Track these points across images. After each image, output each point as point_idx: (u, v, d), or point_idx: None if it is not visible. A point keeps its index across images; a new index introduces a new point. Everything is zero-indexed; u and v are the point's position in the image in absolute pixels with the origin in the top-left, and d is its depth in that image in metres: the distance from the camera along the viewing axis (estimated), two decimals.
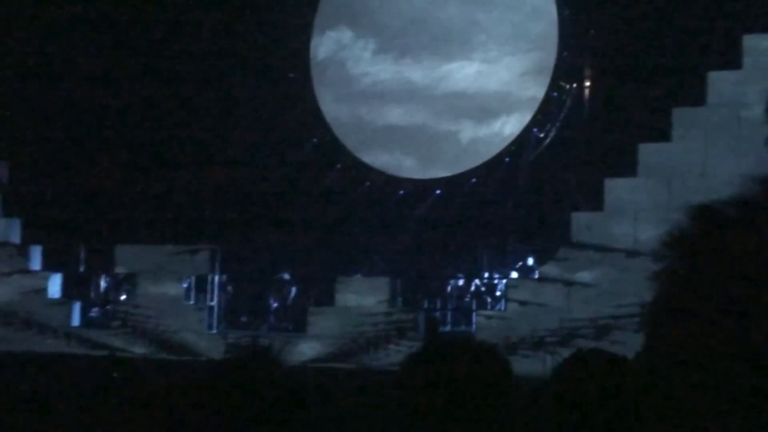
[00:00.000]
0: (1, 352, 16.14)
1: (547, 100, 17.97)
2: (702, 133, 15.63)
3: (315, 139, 18.99)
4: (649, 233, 15.38)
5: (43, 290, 18.22)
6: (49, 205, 18.58)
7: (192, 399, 1.90)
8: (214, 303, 18.34)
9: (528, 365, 15.13)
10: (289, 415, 1.94)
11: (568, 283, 16.47)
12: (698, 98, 15.77)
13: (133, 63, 18.58)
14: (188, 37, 18.45)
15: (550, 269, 16.64)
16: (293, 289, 18.52)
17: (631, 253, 15.83)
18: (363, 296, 17.42)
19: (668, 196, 15.70)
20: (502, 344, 15.38)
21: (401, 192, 18.70)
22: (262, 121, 18.70)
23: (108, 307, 19.05)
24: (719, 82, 15.59)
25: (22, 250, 18.55)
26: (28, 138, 18.96)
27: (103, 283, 19.15)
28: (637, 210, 15.91)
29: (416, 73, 18.79)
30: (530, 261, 17.61)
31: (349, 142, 18.88)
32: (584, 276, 16.36)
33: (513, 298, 17.12)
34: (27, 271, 18.38)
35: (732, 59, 15.62)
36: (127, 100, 18.84)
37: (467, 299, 17.92)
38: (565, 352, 14.59)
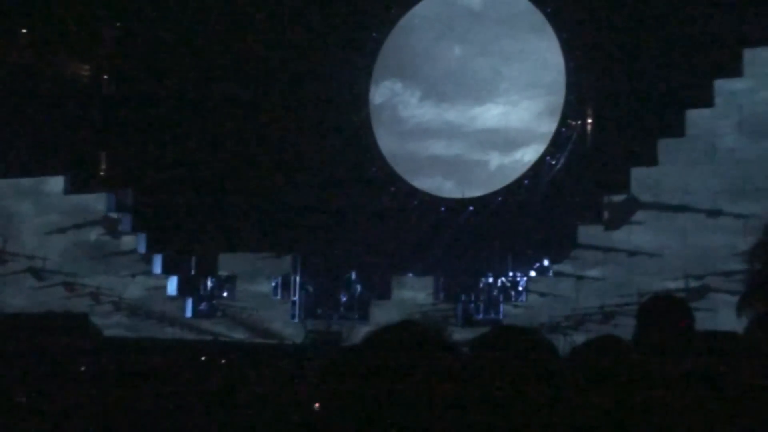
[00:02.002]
0: (133, 338, 17.44)
1: (558, 134, 17.95)
2: (683, 159, 15.99)
3: (374, 168, 19.04)
4: (640, 238, 16.10)
5: (163, 289, 18.70)
6: (166, 221, 18.96)
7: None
8: (296, 298, 18.50)
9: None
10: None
11: (577, 279, 16.60)
12: (679, 131, 16.01)
13: (231, 100, 18.87)
14: (280, 85, 18.89)
15: (562, 268, 16.86)
16: (358, 286, 18.65)
17: (629, 254, 16.04)
18: (413, 291, 17.65)
19: (656, 210, 16.11)
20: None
21: (442, 209, 18.67)
22: (332, 154, 18.92)
23: (213, 302, 19.10)
24: (696, 117, 15.96)
25: (147, 258, 18.94)
26: (146, 166, 19.39)
27: (209, 283, 19.24)
28: (631, 220, 16.21)
29: (453, 114, 18.72)
30: (546, 262, 17.76)
31: (401, 170, 18.96)
32: (590, 273, 16.52)
33: (532, 292, 17.29)
34: (151, 275, 18.80)
35: (706, 99, 15.88)
36: (223, 134, 19.22)
37: (495, 293, 17.95)
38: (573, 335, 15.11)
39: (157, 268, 18.93)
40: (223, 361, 14.38)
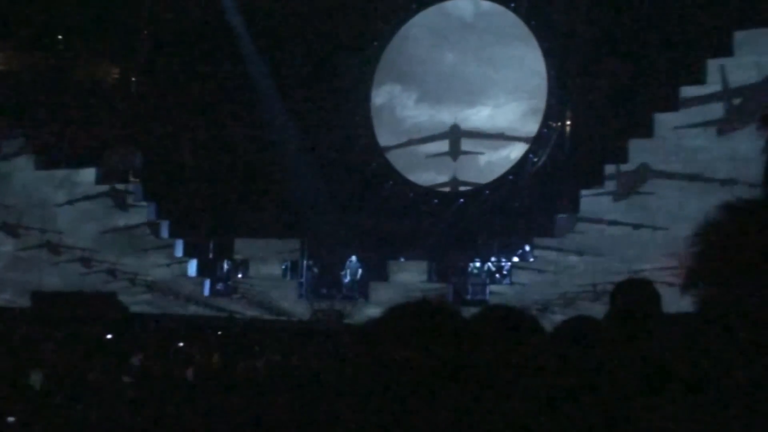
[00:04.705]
0: (158, 314, 17.67)
1: (540, 134, 18.12)
2: (651, 158, 16.22)
3: (374, 164, 19.09)
4: (611, 230, 16.34)
5: (185, 271, 18.90)
6: (187, 210, 19.04)
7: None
8: (303, 279, 18.72)
9: None
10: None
11: (555, 265, 16.81)
12: (647, 133, 16.28)
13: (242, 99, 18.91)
14: (291, 88, 18.94)
15: (541, 254, 17.10)
16: (359, 269, 18.77)
17: (600, 244, 16.18)
18: (408, 274, 17.92)
19: (625, 202, 16.41)
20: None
21: (435, 201, 18.79)
22: (336, 151, 19.03)
23: (229, 282, 19.28)
24: (663, 121, 16.23)
25: (170, 243, 18.98)
26: (170, 161, 19.40)
27: (225, 266, 19.43)
28: (603, 212, 16.59)
29: (446, 115, 18.78)
30: (527, 248, 17.87)
31: (398, 165, 19.05)
32: (567, 259, 16.77)
33: (515, 276, 17.61)
34: (174, 258, 18.91)
35: (673, 106, 16.09)
36: (238, 132, 19.23)
37: (482, 276, 18.10)
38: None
39: (179, 251, 19.12)
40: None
